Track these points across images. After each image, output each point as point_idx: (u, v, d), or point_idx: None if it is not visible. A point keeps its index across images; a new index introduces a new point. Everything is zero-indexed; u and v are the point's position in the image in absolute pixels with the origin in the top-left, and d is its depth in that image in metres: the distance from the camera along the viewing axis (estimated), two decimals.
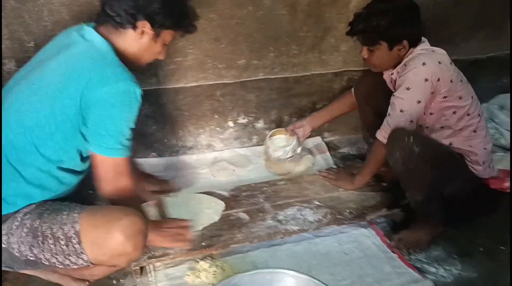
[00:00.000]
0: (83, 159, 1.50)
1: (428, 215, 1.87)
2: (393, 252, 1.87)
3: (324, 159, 2.47)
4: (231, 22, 2.13)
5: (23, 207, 1.41)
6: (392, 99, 1.82)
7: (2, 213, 1.39)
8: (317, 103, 2.53)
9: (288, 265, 1.76)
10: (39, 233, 1.37)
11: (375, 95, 2.10)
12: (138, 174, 1.93)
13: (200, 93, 2.28)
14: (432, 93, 1.76)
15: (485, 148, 1.89)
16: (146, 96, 2.15)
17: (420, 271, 1.79)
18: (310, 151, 2.50)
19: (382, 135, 1.86)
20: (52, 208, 1.42)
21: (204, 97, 2.30)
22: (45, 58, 1.46)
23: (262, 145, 2.50)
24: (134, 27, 1.47)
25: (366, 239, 1.94)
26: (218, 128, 2.42)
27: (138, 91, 1.42)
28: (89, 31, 1.46)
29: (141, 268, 1.70)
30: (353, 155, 2.55)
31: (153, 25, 1.48)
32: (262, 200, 2.01)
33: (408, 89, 1.76)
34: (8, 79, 1.77)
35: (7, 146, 1.40)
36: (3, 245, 1.38)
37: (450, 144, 1.88)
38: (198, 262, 1.75)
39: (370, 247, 1.90)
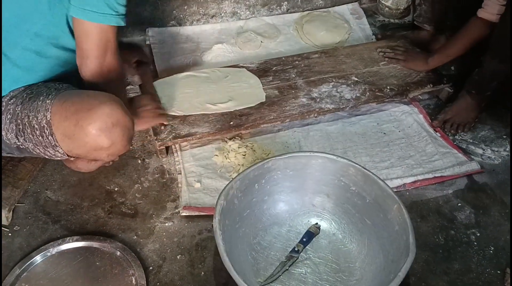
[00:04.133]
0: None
1: (483, 88, 1.69)
2: (436, 131, 1.73)
3: (361, 29, 2.23)
4: None
5: (11, 91, 1.26)
6: None
7: None
8: None
9: (322, 146, 1.66)
10: (19, 121, 1.22)
11: None
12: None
13: None
14: None
15: None
16: None
17: (466, 152, 1.67)
18: (345, 20, 2.25)
19: (487, 12, 1.59)
20: (36, 92, 1.24)
21: None
22: None
23: (293, 12, 2.25)
24: None
25: (407, 117, 1.78)
26: None
27: None
28: None
29: (167, 148, 1.61)
30: (394, 23, 2.28)
31: None
32: (294, 76, 1.83)
33: None
34: None
35: None
36: None
37: None
38: (226, 142, 1.65)
39: (411, 126, 1.75)
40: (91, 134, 1.16)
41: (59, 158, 1.29)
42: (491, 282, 1.32)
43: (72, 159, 1.34)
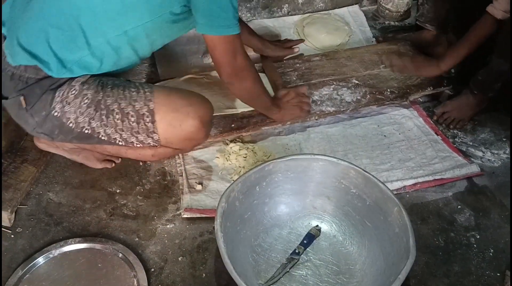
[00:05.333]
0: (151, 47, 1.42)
1: (486, 89, 1.69)
2: (436, 134, 1.74)
3: (362, 31, 2.23)
4: None
5: (80, 76, 1.31)
6: None
7: (55, 76, 1.28)
8: None
9: (322, 149, 1.67)
10: (102, 106, 1.30)
11: None
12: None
13: None
14: None
15: None
16: None
17: (466, 154, 1.67)
18: (346, 22, 2.25)
19: (494, 7, 1.57)
20: (112, 83, 1.34)
21: None
22: None
23: (294, 15, 2.26)
24: None
25: (407, 120, 1.79)
26: None
27: None
28: None
29: None
30: (395, 26, 2.29)
31: None
32: (295, 78, 1.84)
33: None
34: None
35: (86, 8, 1.25)
36: (54, 114, 1.29)
37: None
38: (227, 144, 1.65)
39: (411, 129, 1.76)
40: (195, 126, 1.36)
41: (139, 145, 1.39)
42: (491, 285, 1.33)
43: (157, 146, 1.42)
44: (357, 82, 1.83)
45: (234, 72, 1.40)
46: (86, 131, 1.33)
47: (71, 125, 1.31)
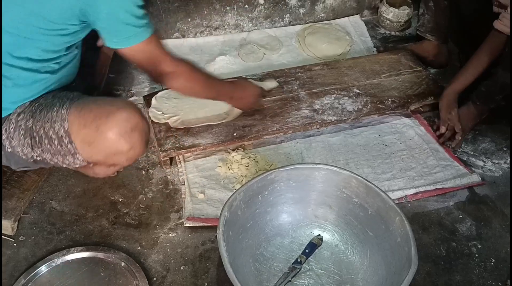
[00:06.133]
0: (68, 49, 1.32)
1: (489, 100, 1.68)
2: (438, 144, 1.74)
3: (363, 41, 2.25)
4: None
5: (17, 108, 1.28)
6: None
7: None
8: None
9: (324, 158, 1.67)
10: (34, 134, 1.25)
11: None
12: None
13: None
14: None
15: None
16: None
17: (467, 164, 1.68)
18: (347, 32, 2.27)
19: (503, 24, 1.56)
20: (45, 103, 1.28)
21: None
22: None
23: (295, 25, 2.28)
24: None
25: (408, 129, 1.80)
26: (246, 6, 2.18)
27: None
28: None
29: (171, 159, 1.63)
30: (395, 36, 2.31)
31: None
32: (296, 87, 1.85)
33: None
34: None
35: None
36: (8, 150, 1.28)
37: None
38: (229, 153, 1.66)
39: (413, 138, 1.76)
40: (111, 139, 1.21)
41: (77, 166, 1.31)
42: None
43: (90, 165, 1.37)
44: (358, 91, 1.84)
45: (164, 76, 1.31)
46: (38, 158, 1.29)
47: (23, 156, 1.29)
